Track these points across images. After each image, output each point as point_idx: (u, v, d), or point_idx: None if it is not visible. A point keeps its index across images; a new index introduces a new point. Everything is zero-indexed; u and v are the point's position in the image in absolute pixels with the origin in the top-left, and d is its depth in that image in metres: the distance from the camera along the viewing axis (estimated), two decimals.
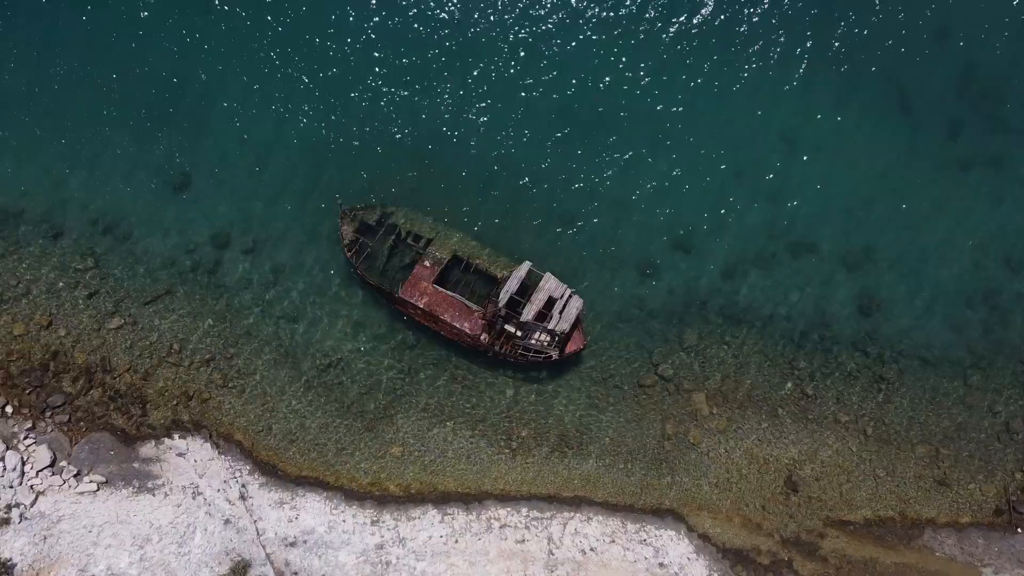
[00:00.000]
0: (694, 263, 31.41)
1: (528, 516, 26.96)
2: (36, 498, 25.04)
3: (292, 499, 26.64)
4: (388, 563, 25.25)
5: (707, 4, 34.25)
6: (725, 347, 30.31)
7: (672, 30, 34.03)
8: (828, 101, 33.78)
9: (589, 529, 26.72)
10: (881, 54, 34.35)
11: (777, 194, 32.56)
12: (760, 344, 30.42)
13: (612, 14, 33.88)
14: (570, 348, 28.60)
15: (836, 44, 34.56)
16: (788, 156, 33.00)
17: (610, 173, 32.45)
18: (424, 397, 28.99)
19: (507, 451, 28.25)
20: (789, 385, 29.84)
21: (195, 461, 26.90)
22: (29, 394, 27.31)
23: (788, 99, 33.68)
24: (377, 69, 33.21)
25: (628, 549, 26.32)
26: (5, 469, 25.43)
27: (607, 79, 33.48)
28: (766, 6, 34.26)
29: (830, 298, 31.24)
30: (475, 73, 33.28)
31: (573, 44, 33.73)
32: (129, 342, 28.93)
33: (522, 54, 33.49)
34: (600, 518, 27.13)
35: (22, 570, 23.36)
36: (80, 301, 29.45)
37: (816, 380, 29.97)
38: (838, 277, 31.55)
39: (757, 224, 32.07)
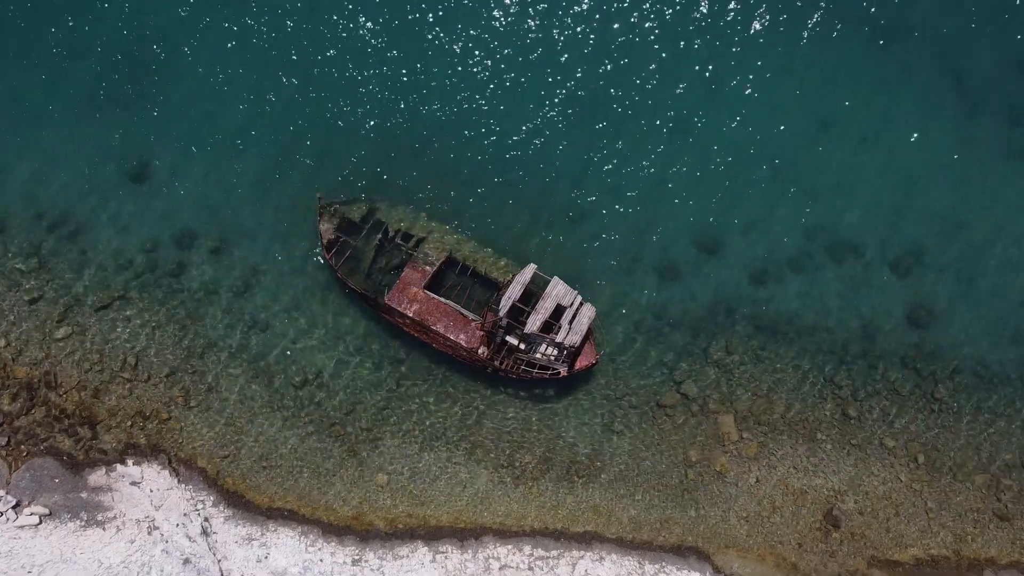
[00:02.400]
0: (721, 266, 31.18)
1: (532, 555, 26.64)
2: None
3: (262, 535, 26.32)
4: None
5: None
6: (757, 362, 30.12)
7: (696, 4, 33.91)
8: (874, 84, 33.50)
9: (601, 570, 26.46)
10: (933, 31, 34.10)
11: (815, 189, 32.33)
12: (796, 359, 30.26)
13: None
14: (580, 363, 28.34)
15: (883, 21, 34.23)
16: (828, 146, 32.81)
17: (627, 165, 32.17)
18: (414, 418, 28.74)
19: (508, 480, 28.04)
20: (829, 406, 29.70)
21: (151, 491, 26.59)
22: None
23: (828, 82, 33.44)
24: (365, 45, 32.98)
25: None
26: None
27: (626, 60, 33.28)
28: None
29: (876, 307, 31.02)
30: (476, 52, 33.02)
31: (588, 24, 33.50)
32: (78, 354, 28.54)
33: (529, 31, 33.37)
34: (614, 557, 26.84)
35: None
36: (22, 307, 29.05)
37: (860, 400, 29.83)
38: (885, 283, 31.37)
39: (793, 222, 31.87)
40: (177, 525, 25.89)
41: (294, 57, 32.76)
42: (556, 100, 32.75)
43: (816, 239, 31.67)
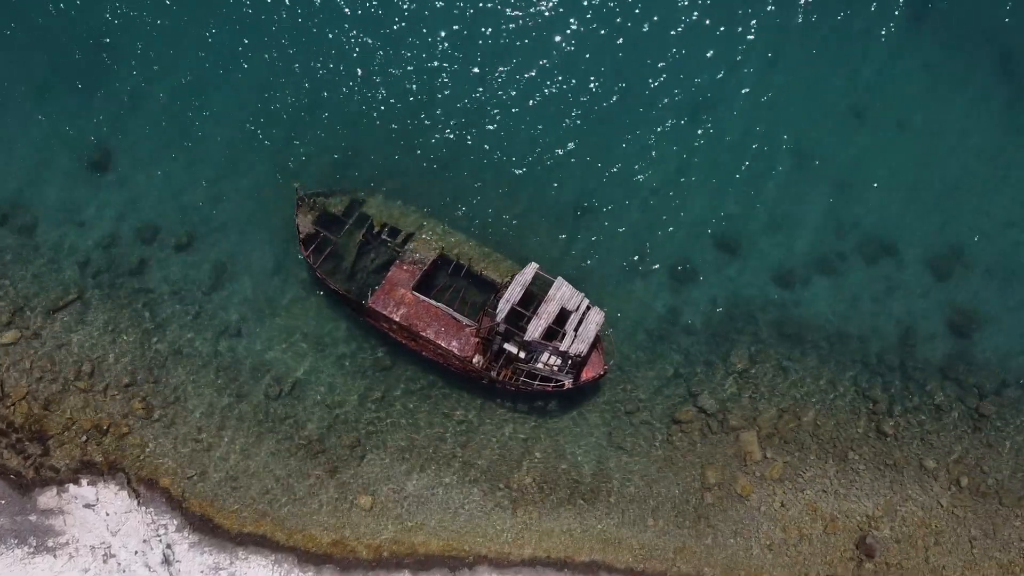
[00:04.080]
0: (743, 267, 31.04)
1: None
2: None
3: (231, 563, 25.92)
4: None
5: None
6: (782, 373, 29.88)
7: None
8: (912, 67, 33.49)
9: None
10: (977, 9, 34.03)
11: (847, 182, 32.16)
12: (826, 370, 30.01)
13: None
14: (587, 374, 28.02)
15: None
16: (861, 135, 32.70)
17: (640, 153, 31.98)
18: (401, 434, 28.44)
19: (506, 503, 27.72)
20: (862, 422, 29.45)
21: (107, 514, 26.16)
22: None
23: (862, 64, 33.35)
24: (349, 18, 32.77)
25: None
26: None
27: (636, 38, 33.08)
28: None
29: (914, 312, 30.80)
30: (471, 25, 32.76)
31: (598, 2, 33.50)
32: (28, 361, 28.29)
33: (532, 10, 33.13)
34: None
35: None
36: None
37: (896, 416, 29.50)
38: (924, 286, 31.18)
39: (822, 219, 31.76)
40: (136, 553, 25.47)
41: (271, 33, 32.50)
42: (560, 81, 32.57)
43: (847, 237, 31.49)
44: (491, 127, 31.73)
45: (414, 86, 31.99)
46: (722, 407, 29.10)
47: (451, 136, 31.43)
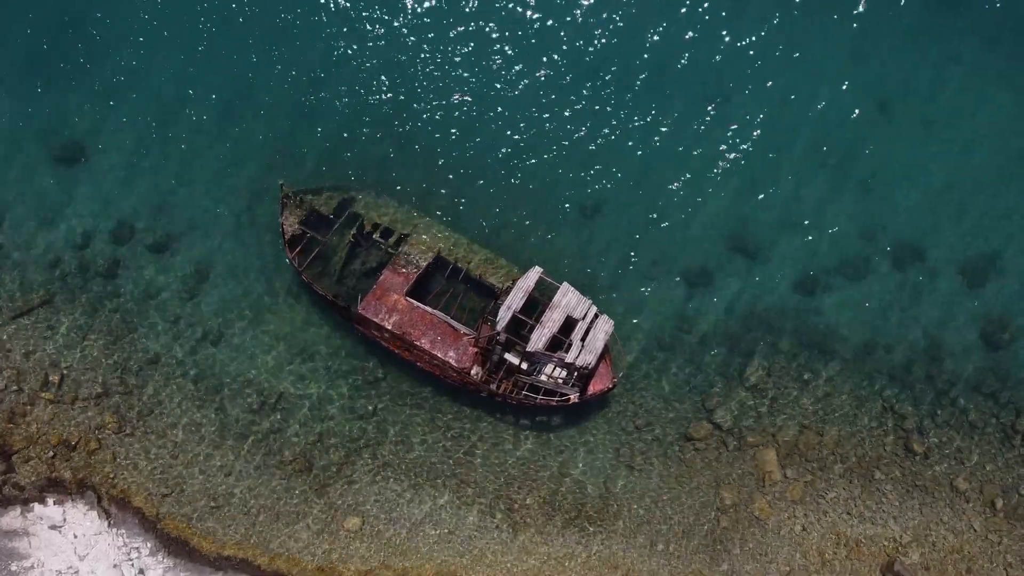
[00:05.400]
0: (761, 272, 30.97)
1: None
2: None
3: None
4: None
5: None
6: (803, 387, 29.71)
7: None
8: (942, 57, 33.39)
9: None
10: (1015, 4, 33.98)
11: (873, 181, 32.05)
12: (850, 383, 29.79)
13: None
14: (594, 388, 27.80)
15: None
16: (888, 130, 32.64)
17: (651, 148, 31.87)
18: (393, 451, 28.28)
19: (505, 525, 27.48)
20: (890, 439, 29.22)
21: (75, 536, 25.83)
22: None
23: (888, 55, 33.22)
24: (341, 8, 32.70)
25: None
26: None
27: (648, 22, 32.99)
28: None
29: (944, 322, 30.62)
30: (474, 23, 32.56)
31: None
32: None
33: (534, 4, 32.97)
34: None
35: None
36: None
37: (926, 433, 29.25)
38: (955, 294, 31.02)
39: (845, 221, 31.62)
40: None
41: (256, 19, 32.52)
42: (566, 69, 32.46)
43: (874, 241, 31.37)
44: (494, 122, 31.60)
45: (410, 78, 31.82)
46: (738, 423, 28.94)
47: (449, 130, 31.32)
